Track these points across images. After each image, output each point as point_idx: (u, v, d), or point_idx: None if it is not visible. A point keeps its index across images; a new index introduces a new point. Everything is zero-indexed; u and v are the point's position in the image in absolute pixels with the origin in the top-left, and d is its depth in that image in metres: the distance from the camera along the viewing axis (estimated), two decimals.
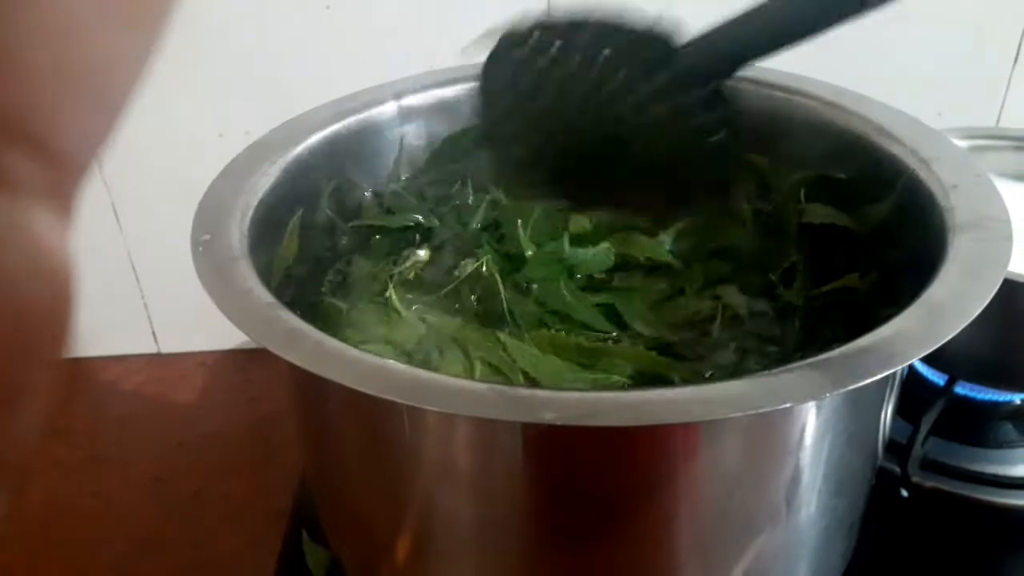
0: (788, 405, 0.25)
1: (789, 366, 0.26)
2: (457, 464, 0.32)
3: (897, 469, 0.48)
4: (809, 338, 0.39)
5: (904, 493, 0.49)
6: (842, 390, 0.25)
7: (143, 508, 0.60)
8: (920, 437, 0.48)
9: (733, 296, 0.41)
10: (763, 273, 0.43)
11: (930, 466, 0.50)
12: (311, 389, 0.34)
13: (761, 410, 0.24)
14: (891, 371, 0.26)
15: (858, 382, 0.25)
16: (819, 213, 0.43)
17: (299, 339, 0.29)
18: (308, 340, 0.29)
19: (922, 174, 0.38)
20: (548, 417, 0.25)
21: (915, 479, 0.49)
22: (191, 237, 0.34)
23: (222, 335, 0.73)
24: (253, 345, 0.71)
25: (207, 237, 0.34)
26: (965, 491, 0.49)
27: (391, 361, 0.28)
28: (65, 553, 0.57)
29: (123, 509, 0.60)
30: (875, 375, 0.25)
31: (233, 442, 0.65)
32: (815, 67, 0.47)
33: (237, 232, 0.35)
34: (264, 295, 0.31)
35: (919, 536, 0.48)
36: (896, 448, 0.48)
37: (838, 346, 0.27)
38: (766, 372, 0.26)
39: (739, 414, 0.24)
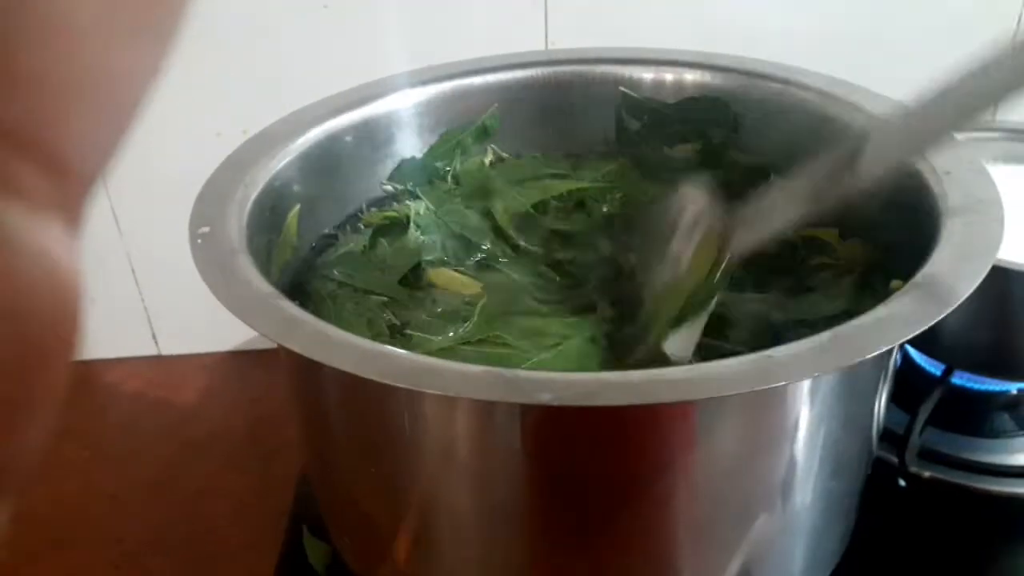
0: (784, 384, 0.25)
1: (784, 346, 0.27)
2: (456, 449, 0.32)
3: (895, 459, 0.49)
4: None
5: (902, 483, 0.49)
6: (838, 368, 0.25)
7: (147, 507, 0.60)
8: (917, 427, 0.49)
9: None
10: None
11: (927, 456, 0.50)
12: (311, 379, 0.34)
13: (757, 388, 0.25)
14: (885, 349, 0.26)
15: (853, 360, 0.25)
16: None
17: (299, 327, 0.29)
18: (307, 327, 0.29)
19: (916, 161, 0.38)
20: (545, 398, 0.26)
21: (912, 469, 0.49)
22: (189, 228, 0.35)
23: (222, 337, 0.73)
24: (253, 347, 0.72)
25: (206, 229, 0.34)
26: (962, 480, 0.49)
27: (389, 347, 0.28)
28: (70, 552, 0.57)
29: (127, 508, 0.60)
30: (870, 353, 0.26)
31: (235, 442, 0.66)
32: (814, 58, 0.48)
33: (236, 224, 0.35)
34: (264, 285, 0.31)
35: (917, 525, 0.48)
36: (893, 438, 0.48)
37: (830, 326, 0.28)
38: (761, 352, 0.26)
39: (734, 392, 0.25)
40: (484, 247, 0.44)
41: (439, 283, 0.41)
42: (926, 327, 0.27)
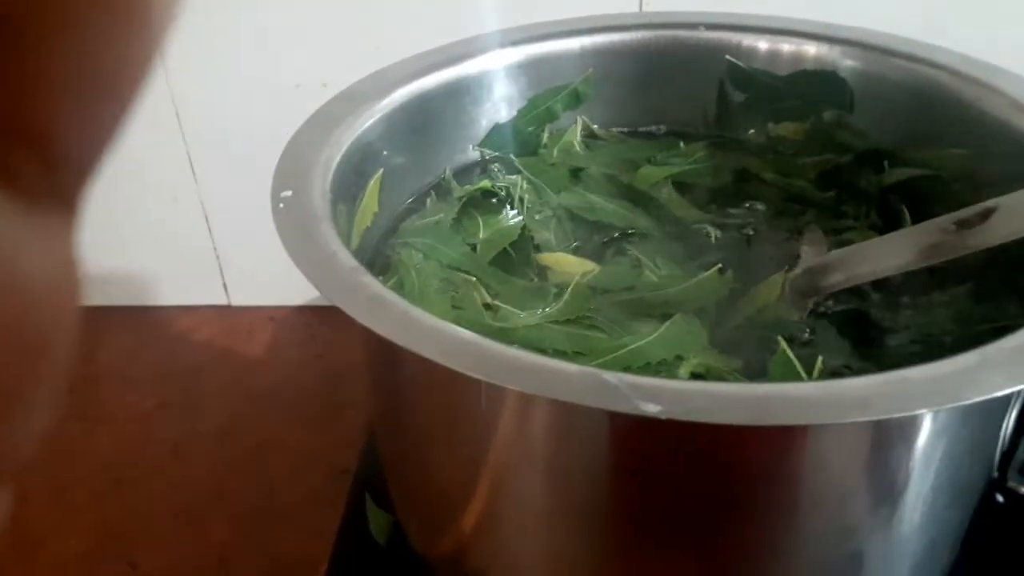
0: (923, 412, 0.22)
1: (921, 367, 0.24)
2: (537, 446, 0.30)
3: (995, 473, 0.45)
4: None
5: (999, 498, 0.46)
6: (986, 397, 0.22)
7: (208, 458, 0.60)
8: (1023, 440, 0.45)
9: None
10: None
11: None
12: (390, 360, 0.32)
13: (893, 415, 0.22)
14: (1021, 387, 0.23)
15: (1002, 390, 0.22)
16: (900, 173, 0.42)
17: (384, 307, 0.27)
18: (393, 309, 0.27)
19: None
20: (651, 410, 0.23)
21: (1011, 484, 0.45)
22: (271, 192, 0.33)
23: (292, 291, 0.72)
24: (322, 302, 0.72)
25: (288, 193, 0.33)
26: None
27: (478, 337, 0.26)
28: (132, 496, 0.58)
29: (189, 457, 0.60)
30: (1020, 383, 0.23)
31: (299, 397, 0.65)
32: (933, 33, 0.43)
33: (320, 188, 0.33)
34: (348, 259, 0.29)
35: (1014, 543, 0.45)
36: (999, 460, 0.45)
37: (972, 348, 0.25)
38: (896, 371, 0.23)
39: (868, 418, 0.22)
40: (609, 226, 0.43)
41: (552, 266, 0.39)
42: None
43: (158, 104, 0.62)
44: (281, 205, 0.32)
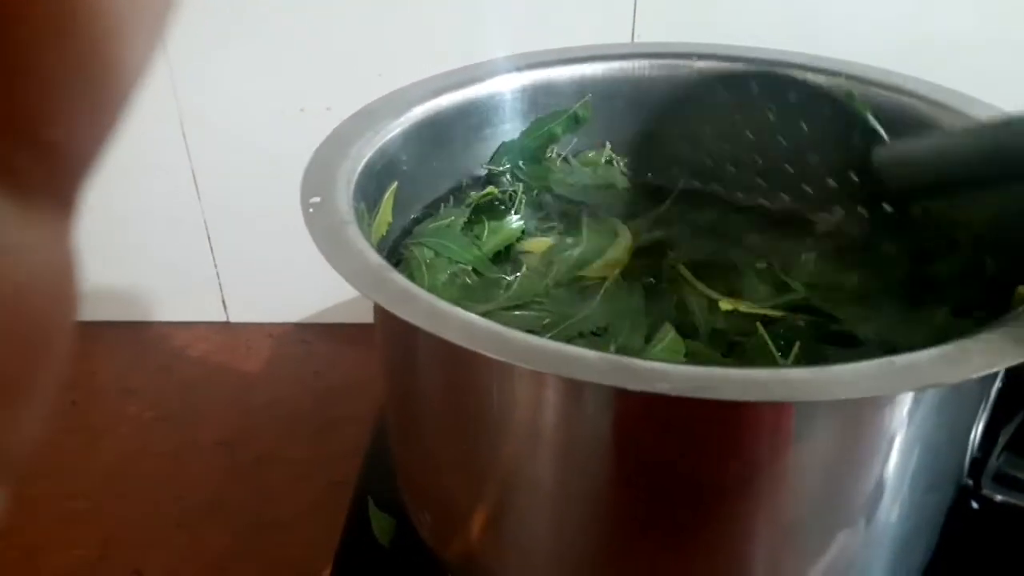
0: (910, 391, 0.25)
1: (906, 354, 0.26)
2: (551, 429, 0.32)
3: (970, 481, 0.48)
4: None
5: (975, 505, 0.48)
6: (967, 378, 0.25)
7: (208, 469, 0.61)
8: (997, 449, 0.48)
9: None
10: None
11: (1003, 480, 0.49)
12: (409, 350, 0.34)
13: (884, 393, 0.24)
14: (1015, 363, 0.26)
15: (982, 372, 0.25)
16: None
17: (412, 299, 0.29)
18: (422, 301, 0.29)
19: None
20: (662, 388, 0.25)
21: (986, 491, 0.48)
22: (300, 198, 0.35)
23: (289, 308, 0.74)
24: (319, 319, 0.73)
25: (317, 199, 0.35)
26: None
27: (503, 326, 0.29)
28: (132, 507, 0.58)
29: (189, 469, 0.61)
30: (996, 367, 0.25)
31: (296, 412, 0.67)
32: (915, 66, 0.47)
33: (344, 195, 0.36)
34: (375, 257, 0.32)
35: (988, 550, 0.47)
36: (970, 460, 0.47)
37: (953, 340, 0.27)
38: (884, 357, 0.26)
39: (862, 395, 0.24)
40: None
41: (533, 250, 0.43)
42: None
43: (165, 124, 0.64)
44: (311, 210, 0.34)
